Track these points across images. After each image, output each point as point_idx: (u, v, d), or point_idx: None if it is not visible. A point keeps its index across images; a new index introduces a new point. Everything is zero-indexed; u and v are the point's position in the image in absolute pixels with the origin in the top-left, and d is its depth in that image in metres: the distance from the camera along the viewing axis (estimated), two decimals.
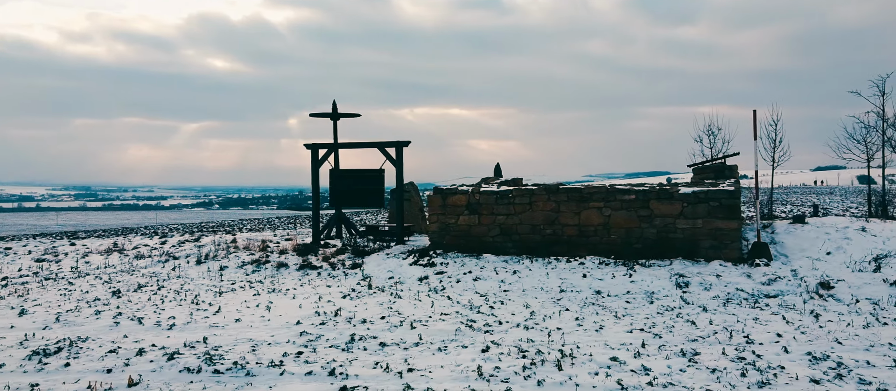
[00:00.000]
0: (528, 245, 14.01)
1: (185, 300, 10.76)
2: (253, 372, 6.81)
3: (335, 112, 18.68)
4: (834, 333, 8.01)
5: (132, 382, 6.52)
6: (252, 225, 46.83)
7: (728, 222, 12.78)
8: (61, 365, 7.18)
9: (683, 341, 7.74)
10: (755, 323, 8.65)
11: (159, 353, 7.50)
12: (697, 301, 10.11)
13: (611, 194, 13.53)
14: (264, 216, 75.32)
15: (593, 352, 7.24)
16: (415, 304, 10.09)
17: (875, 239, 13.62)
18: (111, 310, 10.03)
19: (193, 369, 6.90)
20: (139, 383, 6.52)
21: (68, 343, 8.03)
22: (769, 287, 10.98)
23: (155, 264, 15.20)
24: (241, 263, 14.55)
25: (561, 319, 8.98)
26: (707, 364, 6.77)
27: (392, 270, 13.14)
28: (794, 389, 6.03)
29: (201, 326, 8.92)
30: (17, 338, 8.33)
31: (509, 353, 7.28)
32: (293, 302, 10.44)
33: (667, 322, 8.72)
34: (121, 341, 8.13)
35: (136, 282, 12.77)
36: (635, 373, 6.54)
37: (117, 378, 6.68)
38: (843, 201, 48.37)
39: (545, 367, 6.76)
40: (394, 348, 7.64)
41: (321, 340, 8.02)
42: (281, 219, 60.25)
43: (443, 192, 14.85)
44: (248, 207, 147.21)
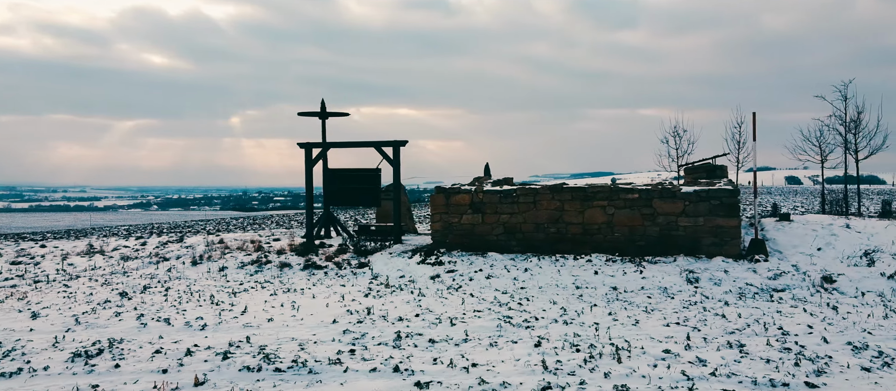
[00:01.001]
0: (532, 243, 14.19)
1: (204, 301, 10.53)
2: (315, 370, 6.74)
3: (324, 111, 18.51)
4: (859, 324, 8.42)
5: (198, 382, 6.39)
6: (214, 225, 45.77)
7: (728, 220, 13.24)
8: (111, 366, 6.96)
9: (722, 333, 8.01)
10: (779, 315, 9.01)
11: (209, 353, 7.35)
12: (714, 295, 10.46)
13: (614, 193, 13.83)
14: (208, 217, 73.58)
15: (644, 346, 7.43)
16: (441, 302, 10.12)
17: (860, 235, 14.31)
18: (129, 312, 9.75)
19: (253, 368, 6.80)
20: (205, 382, 6.39)
21: (108, 344, 7.79)
22: (776, 281, 11.44)
23: (147, 266, 14.79)
24: (241, 264, 14.29)
25: (593, 314, 9.17)
26: (758, 354, 7.04)
27: (401, 269, 13.12)
28: (849, 376, 6.33)
29: (234, 327, 8.75)
30: (47, 341, 8.03)
31: (563, 348, 7.41)
32: (317, 301, 10.33)
33: (696, 316, 8.99)
34: (159, 342, 7.92)
35: (137, 283, 12.41)
36: (693, 364, 6.75)
37: (179, 377, 6.53)
38: (791, 200, 50.43)
39: (604, 360, 6.91)
40: (444, 344, 7.67)
41: (367, 338, 7.98)
42: (238, 219, 59.04)
43: (446, 191, 14.90)
44: (188, 208, 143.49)
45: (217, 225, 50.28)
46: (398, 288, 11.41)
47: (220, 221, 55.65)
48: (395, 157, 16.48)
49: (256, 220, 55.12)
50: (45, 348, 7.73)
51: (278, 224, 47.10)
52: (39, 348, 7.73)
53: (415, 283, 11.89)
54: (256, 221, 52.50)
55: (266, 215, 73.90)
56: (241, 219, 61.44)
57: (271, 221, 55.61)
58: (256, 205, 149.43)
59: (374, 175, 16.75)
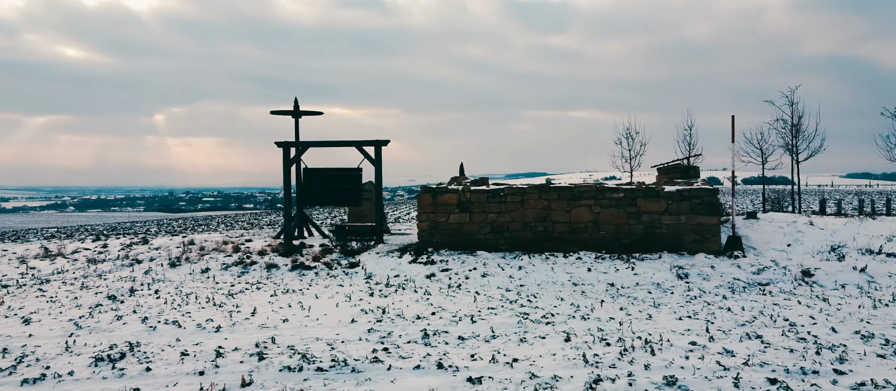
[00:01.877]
0: (519, 242, 14.40)
1: (203, 303, 10.23)
2: (358, 368, 6.69)
3: (297, 110, 18.28)
4: (855, 314, 8.96)
5: (245, 382, 6.24)
6: (144, 227, 44.19)
7: (709, 218, 13.79)
8: (142, 369, 6.71)
9: (735, 326, 8.37)
10: (778, 308, 9.48)
11: (241, 354, 7.18)
12: (708, 290, 10.89)
13: (600, 192, 14.19)
14: (134, 219, 70.92)
15: (669, 338, 7.69)
16: (451, 300, 10.16)
17: (823, 232, 15.15)
18: (130, 315, 9.38)
19: (294, 368, 6.69)
20: (252, 383, 6.24)
21: (127, 347, 7.50)
22: (760, 276, 12.00)
23: (120, 268, 14.24)
24: (224, 265, 13.92)
25: (605, 310, 9.40)
26: (780, 345, 7.40)
27: (394, 269, 13.07)
28: (869, 363, 6.74)
29: (250, 328, 8.56)
30: (56, 346, 7.66)
31: (594, 342, 7.59)
32: (324, 302, 10.20)
33: (703, 309, 9.36)
34: (179, 345, 7.68)
35: (120, 286, 11.94)
36: (723, 354, 7.04)
37: (219, 378, 6.37)
38: (734, 200, 52.73)
39: (638, 353, 7.12)
40: (474, 341, 7.73)
41: (394, 337, 7.95)
42: (180, 221, 57.11)
43: (433, 190, 14.94)
44: (108, 209, 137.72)
45: (146, 227, 48.55)
46: (400, 287, 11.37)
47: (149, 223, 53.73)
48: (376, 156, 16.40)
49: (198, 222, 53.48)
50: (59, 353, 7.37)
51: (227, 225, 45.91)
52: (53, 353, 7.36)
53: (414, 283, 11.87)
54: (199, 223, 50.98)
55: (208, 217, 71.74)
56: (181, 220, 59.49)
57: (215, 222, 54.13)
58: (184, 206, 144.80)
59: (355, 174, 16.61)
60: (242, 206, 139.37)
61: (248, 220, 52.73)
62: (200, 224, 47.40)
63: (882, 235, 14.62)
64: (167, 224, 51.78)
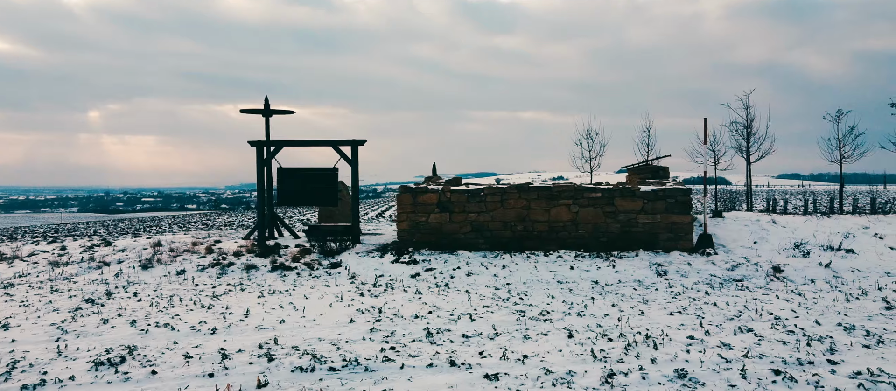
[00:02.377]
0: (500, 241, 14.54)
1: (189, 305, 10.00)
2: (371, 368, 6.68)
3: (267, 108, 18.01)
4: (831, 308, 9.41)
5: (260, 383, 6.15)
6: (80, 230, 42.76)
7: (683, 217, 14.23)
8: (147, 373, 6.54)
9: (724, 320, 8.69)
10: (759, 302, 9.88)
11: (248, 356, 7.07)
12: (689, 286, 11.25)
13: (579, 192, 14.46)
14: (66, 220, 68.43)
15: (667, 333, 7.93)
16: (444, 299, 10.21)
17: (786, 229, 15.81)
18: (116, 318, 9.11)
19: (306, 368, 6.63)
20: (267, 384, 6.16)
21: (126, 351, 7.28)
22: (734, 272, 12.45)
23: (88, 271, 13.76)
24: (201, 267, 13.62)
25: (597, 307, 9.61)
26: (772, 337, 7.73)
27: (377, 269, 13.03)
28: (857, 353, 7.11)
29: (246, 330, 8.42)
30: (46, 351, 7.38)
31: (597, 338, 7.76)
32: (316, 302, 10.10)
33: (691, 305, 9.68)
34: (177, 347, 7.50)
35: (93, 289, 11.55)
36: (722, 347, 7.31)
37: (231, 380, 6.26)
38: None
39: (642, 347, 7.32)
40: (478, 338, 7.80)
41: (397, 336, 7.96)
42: (120, 222, 55.35)
43: (413, 190, 14.94)
44: (39, 210, 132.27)
45: (93, 228, 46.95)
46: (388, 287, 11.35)
47: (93, 224, 51.92)
48: (353, 156, 16.30)
49: (146, 223, 51.90)
50: (53, 358, 7.11)
51: (181, 226, 44.73)
52: (45, 359, 7.09)
53: (402, 282, 11.86)
54: (148, 224, 49.53)
55: (154, 218, 69.62)
56: (127, 221, 57.62)
57: (165, 223, 52.67)
58: (122, 207, 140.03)
59: (332, 174, 16.47)
60: (185, 207, 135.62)
61: (200, 221, 51.56)
62: (150, 225, 46.06)
63: (839, 233, 15.34)
64: (114, 225, 50.10)
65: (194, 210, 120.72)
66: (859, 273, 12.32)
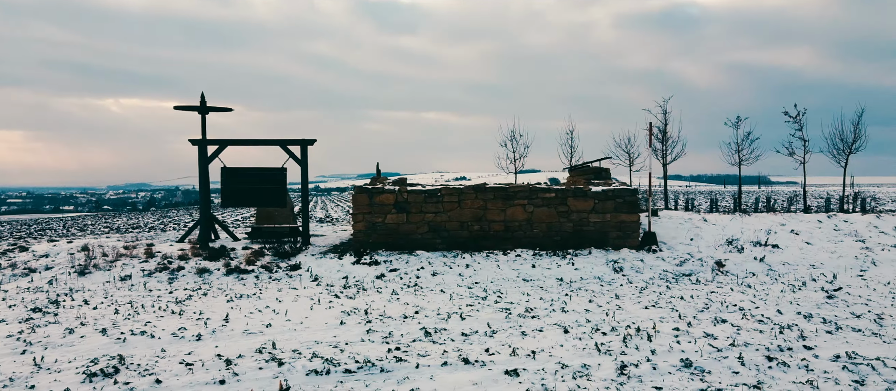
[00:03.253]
0: (457, 241, 14.70)
1: (163, 311, 9.49)
2: (386, 368, 6.64)
3: (203, 105, 17.31)
4: (782, 298, 10.23)
5: (282, 388, 5.97)
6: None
7: (631, 215, 14.93)
8: (150, 382, 6.20)
9: (697, 312, 9.25)
10: (717, 294, 10.58)
11: (257, 361, 6.83)
12: (648, 280, 11.86)
13: (534, 192, 14.86)
14: None
15: (654, 326, 8.35)
16: (424, 299, 10.24)
17: (716, 227, 16.92)
18: (81, 327, 8.52)
19: (321, 371, 6.50)
20: (289, 388, 5.99)
21: (118, 360, 6.84)
22: (683, 267, 13.22)
23: (15, 278, 12.74)
24: (147, 272, 12.91)
25: (575, 303, 9.96)
26: (747, 327, 8.30)
27: (340, 270, 12.85)
28: (825, 339, 7.78)
29: (234, 335, 8.11)
30: (22, 365, 6.82)
31: (593, 332, 8.07)
32: (290, 305, 9.86)
33: (659, 298, 10.22)
34: (169, 355, 7.15)
35: (34, 298, 10.72)
36: (707, 337, 7.80)
37: (248, 386, 6.03)
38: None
39: (637, 340, 7.68)
40: (476, 337, 7.91)
41: (397, 336, 7.93)
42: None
43: (369, 191, 14.82)
44: None
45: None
46: (360, 288, 11.23)
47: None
48: (303, 155, 15.95)
49: (30, 226, 48.17)
50: (32, 371, 6.59)
51: (80, 229, 41.88)
52: (24, 372, 6.56)
53: (372, 284, 11.76)
54: (34, 229, 46.05)
55: (34, 221, 64.70)
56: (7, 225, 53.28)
57: (54, 224, 49.14)
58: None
59: (280, 174, 16.03)
60: (60, 209, 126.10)
61: (95, 225, 48.40)
62: (37, 231, 42.80)
63: (762, 229, 16.58)
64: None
65: (72, 212, 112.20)
66: (789, 266, 13.39)
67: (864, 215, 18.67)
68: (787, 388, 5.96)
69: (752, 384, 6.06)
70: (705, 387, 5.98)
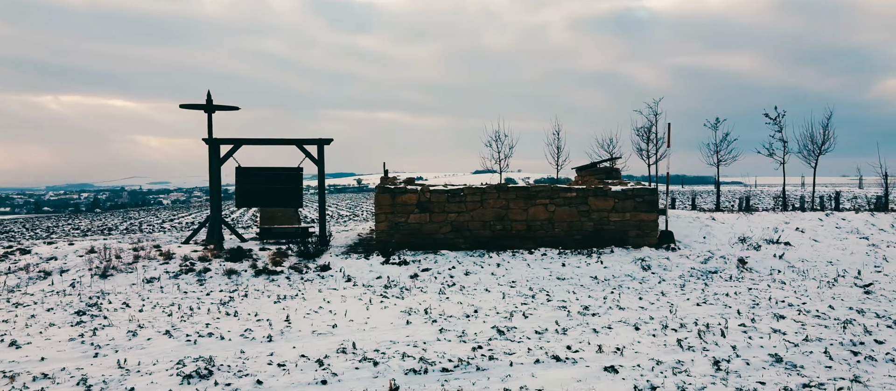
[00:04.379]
0: (479, 240, 14.70)
1: (217, 313, 9.28)
2: (481, 367, 6.63)
3: (210, 104, 17.03)
4: (822, 293, 10.52)
5: (392, 387, 5.90)
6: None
7: (649, 215, 15.15)
8: (251, 383, 6.08)
9: (750, 309, 9.45)
10: (755, 291, 10.81)
11: (348, 362, 6.76)
12: (682, 277, 12.06)
13: (555, 192, 14.95)
14: None
15: (720, 322, 8.49)
16: (476, 298, 10.23)
17: (725, 225, 17.29)
18: (140, 330, 8.26)
19: (419, 371, 6.46)
20: (398, 388, 5.92)
21: (208, 362, 6.69)
22: (707, 265, 13.46)
23: (33, 281, 12.30)
24: (172, 274, 12.60)
25: (628, 300, 10.08)
26: (809, 323, 8.51)
27: (373, 270, 12.73)
28: (887, 334, 8.02)
29: (303, 336, 8.00)
30: (108, 368, 6.58)
31: (664, 329, 8.18)
32: (344, 305, 9.75)
33: (705, 296, 10.41)
34: (255, 357, 7.00)
35: (67, 301, 10.36)
36: (777, 333, 7.97)
37: (352, 385, 5.96)
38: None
39: (712, 336, 7.82)
40: (551, 334, 7.95)
41: (471, 335, 7.93)
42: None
43: (392, 191, 14.72)
44: None
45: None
46: (402, 289, 11.16)
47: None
48: (319, 155, 15.75)
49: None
50: (122, 375, 6.37)
51: (49, 231, 40.56)
52: (115, 375, 6.34)
53: (414, 283, 11.69)
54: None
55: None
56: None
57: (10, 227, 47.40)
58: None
59: (296, 174, 15.81)
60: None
61: (49, 228, 46.90)
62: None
63: (769, 227, 17.00)
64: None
65: (8, 214, 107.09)
66: (808, 263, 13.75)
67: (858, 214, 19.30)
68: (884, 382, 6.12)
69: (850, 378, 6.22)
70: (807, 382, 6.11)
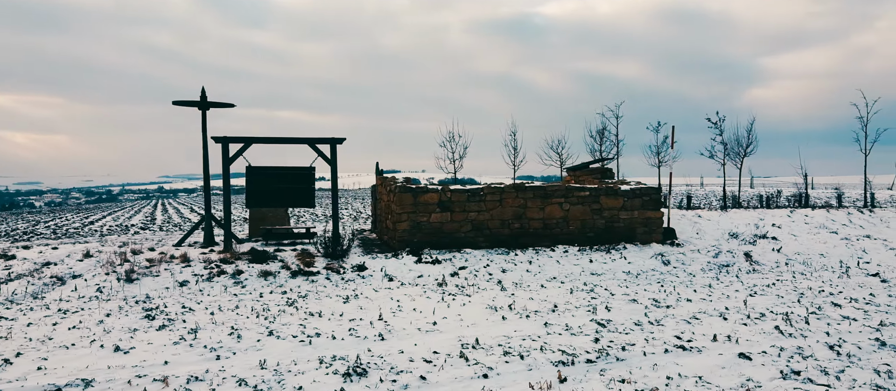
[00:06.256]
0: (498, 238, 15.00)
1: (304, 315, 9.11)
2: (620, 357, 6.93)
3: (204, 100, 16.56)
4: (845, 283, 11.52)
5: (561, 378, 6.11)
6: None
7: (655, 212, 15.93)
8: (416, 378, 6.11)
9: (798, 298, 10.22)
10: (784, 283, 11.68)
11: (487, 355, 6.88)
12: (704, 270, 12.81)
13: (570, 191, 15.47)
14: None
15: (789, 311, 9.17)
16: (543, 294, 10.54)
17: (711, 222, 18.37)
18: (246, 332, 8.05)
19: (567, 362, 6.70)
20: (566, 380, 6.14)
21: (354, 361, 6.63)
22: (718, 259, 14.33)
23: (52, 287, 11.62)
24: (203, 277, 12.21)
25: (686, 292, 10.68)
26: (869, 310, 9.33)
27: (412, 270, 12.78)
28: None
29: (412, 333, 8.04)
30: (253, 369, 6.43)
31: (747, 319, 8.77)
32: (420, 303, 9.83)
33: (749, 287, 11.14)
34: (389, 354, 7.02)
35: (107, 307, 9.89)
36: (849, 320, 8.72)
37: (509, 379, 6.12)
38: None
39: (798, 324, 8.45)
40: (649, 327, 8.36)
41: (575, 328, 8.21)
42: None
43: (413, 190, 14.78)
44: None
45: None
46: (458, 286, 11.31)
47: None
48: (332, 155, 15.59)
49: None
50: (272, 376, 6.24)
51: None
52: (267, 377, 6.21)
53: (454, 279, 11.85)
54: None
55: None
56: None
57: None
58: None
59: (309, 174, 15.58)
60: None
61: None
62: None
63: (749, 224, 18.20)
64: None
65: None
66: (803, 255, 14.89)
67: (815, 210, 20.87)
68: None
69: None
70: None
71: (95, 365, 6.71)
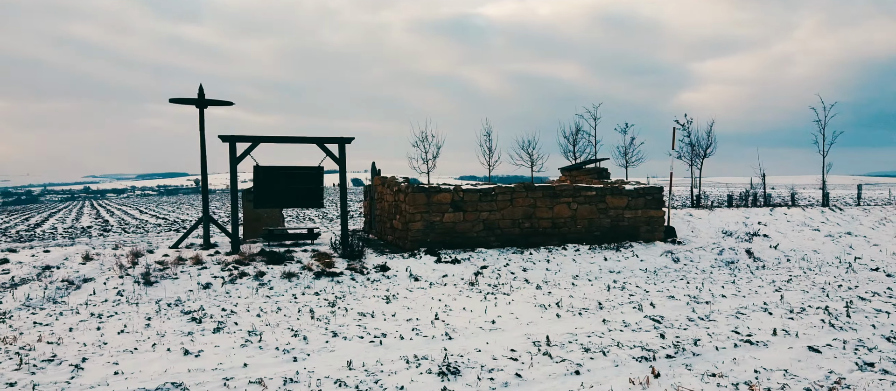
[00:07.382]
0: (509, 238, 15.14)
1: (358, 317, 9.02)
2: (695, 352, 7.13)
3: (202, 98, 16.22)
4: (853, 278, 12.07)
5: (655, 373, 6.25)
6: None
7: (658, 212, 16.34)
8: (511, 375, 6.16)
9: (826, 292, 10.64)
10: (799, 279, 12.17)
11: (565, 351, 6.96)
12: (713, 267, 13.22)
13: (578, 191, 15.73)
14: None
15: (825, 306, 9.57)
16: (580, 292, 10.71)
17: (703, 221, 18.96)
18: (308, 333, 7.93)
19: (648, 358, 6.86)
20: (660, 375, 6.29)
21: (440, 360, 6.62)
22: (723, 256, 14.81)
23: (65, 292, 11.19)
24: (225, 279, 11.93)
25: (715, 289, 11.00)
26: (879, 300, 9.80)
27: (435, 269, 12.78)
28: None
29: (475, 332, 8.09)
30: (341, 370, 6.36)
31: (790, 312, 9.11)
32: (463, 302, 9.87)
33: (770, 283, 11.55)
34: (469, 353, 7.04)
35: (137, 310, 9.63)
36: (884, 313, 9.15)
37: (604, 374, 6.25)
38: None
39: (843, 319, 8.82)
40: (703, 322, 8.61)
41: (634, 325, 8.40)
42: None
43: (426, 190, 14.78)
44: None
45: None
46: (493, 285, 11.39)
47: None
48: (341, 154, 15.43)
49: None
50: (368, 377, 6.20)
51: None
52: (360, 377, 6.16)
53: (479, 278, 11.91)
54: None
55: None
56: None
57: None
58: None
59: (317, 173, 15.37)
60: None
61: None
62: None
63: (738, 222, 18.87)
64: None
65: None
66: (799, 252, 15.54)
67: (791, 209, 21.75)
68: None
69: None
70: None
71: (173, 368, 6.53)
